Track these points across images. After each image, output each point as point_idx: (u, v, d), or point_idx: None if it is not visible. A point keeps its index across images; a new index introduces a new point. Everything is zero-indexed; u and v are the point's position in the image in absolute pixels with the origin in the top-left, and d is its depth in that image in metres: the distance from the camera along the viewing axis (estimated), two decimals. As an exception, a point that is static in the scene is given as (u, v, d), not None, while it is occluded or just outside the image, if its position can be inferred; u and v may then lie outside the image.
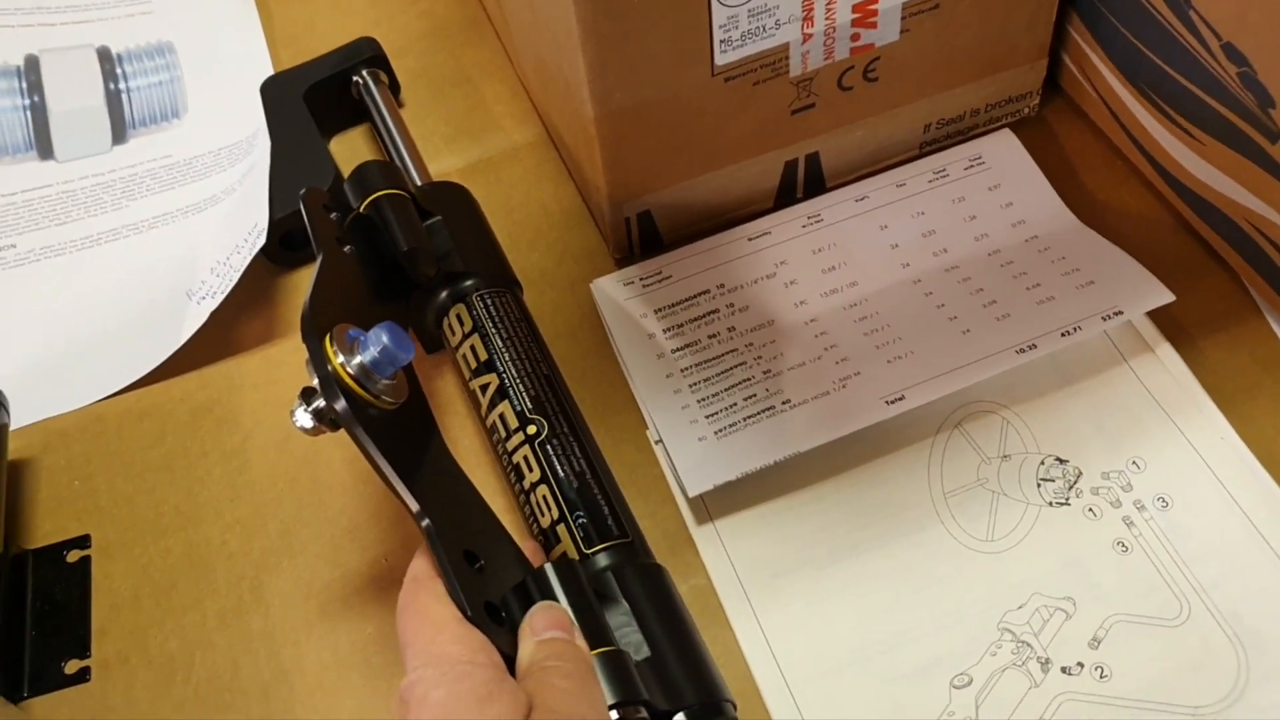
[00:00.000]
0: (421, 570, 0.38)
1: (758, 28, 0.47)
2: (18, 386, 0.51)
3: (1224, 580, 0.43)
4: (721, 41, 0.46)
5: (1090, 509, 0.46)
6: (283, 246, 0.55)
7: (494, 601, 0.38)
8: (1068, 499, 0.46)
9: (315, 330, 0.40)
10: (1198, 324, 0.50)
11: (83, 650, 0.46)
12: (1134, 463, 0.47)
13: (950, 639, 0.43)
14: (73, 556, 0.48)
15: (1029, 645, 0.43)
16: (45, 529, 0.49)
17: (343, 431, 0.41)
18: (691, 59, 0.47)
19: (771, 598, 0.45)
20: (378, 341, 0.39)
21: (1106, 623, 0.43)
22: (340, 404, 0.39)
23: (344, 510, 0.49)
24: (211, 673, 0.45)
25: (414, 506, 0.37)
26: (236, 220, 0.55)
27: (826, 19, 0.48)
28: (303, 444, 0.51)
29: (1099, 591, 0.44)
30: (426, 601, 0.36)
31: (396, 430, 0.40)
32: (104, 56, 0.64)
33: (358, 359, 0.40)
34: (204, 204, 0.59)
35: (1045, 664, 0.42)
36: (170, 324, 0.53)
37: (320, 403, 0.40)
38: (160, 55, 0.64)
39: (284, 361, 0.53)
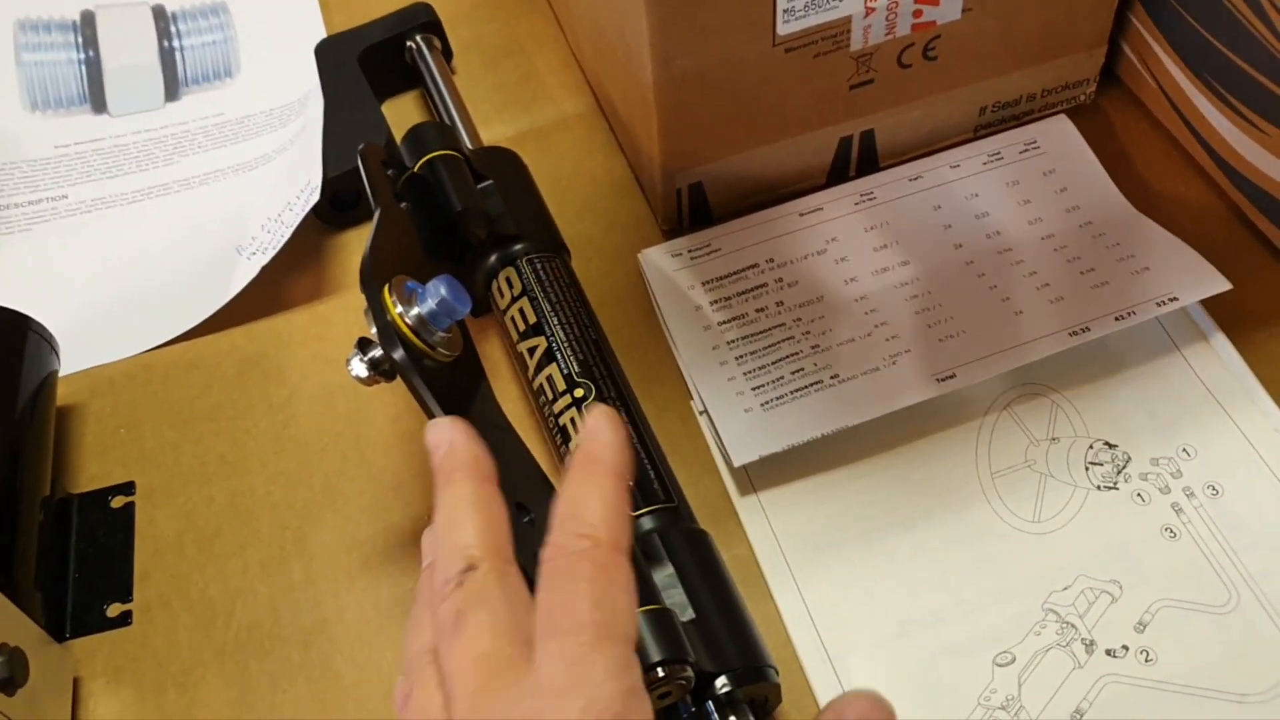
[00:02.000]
0: None
1: (821, -1, 0.47)
2: (68, 333, 0.51)
3: (1274, 570, 0.43)
4: (785, 11, 0.46)
5: (1138, 494, 0.45)
6: (333, 207, 0.55)
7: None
8: (1116, 483, 0.46)
9: (375, 280, 0.40)
10: (1253, 314, 0.49)
11: (125, 594, 0.46)
12: (1184, 450, 0.46)
13: (994, 617, 0.43)
14: (117, 502, 0.48)
15: (1073, 626, 0.43)
16: (91, 473, 0.49)
17: (389, 389, 0.41)
18: (754, 27, 0.47)
19: (814, 570, 0.45)
20: (436, 293, 0.39)
21: (1153, 607, 0.43)
22: (398, 353, 0.39)
23: (387, 467, 0.49)
24: (252, 620, 0.45)
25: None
26: (289, 178, 0.55)
27: (890, -7, 0.48)
28: (348, 401, 0.51)
29: (1146, 576, 0.43)
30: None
31: (450, 382, 0.40)
32: (159, 14, 0.64)
33: (416, 310, 0.40)
34: (255, 162, 0.59)
35: (1090, 645, 0.42)
36: (220, 278, 0.53)
37: (376, 352, 0.40)
38: (214, 15, 0.64)
39: (331, 319, 0.54)
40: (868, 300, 0.50)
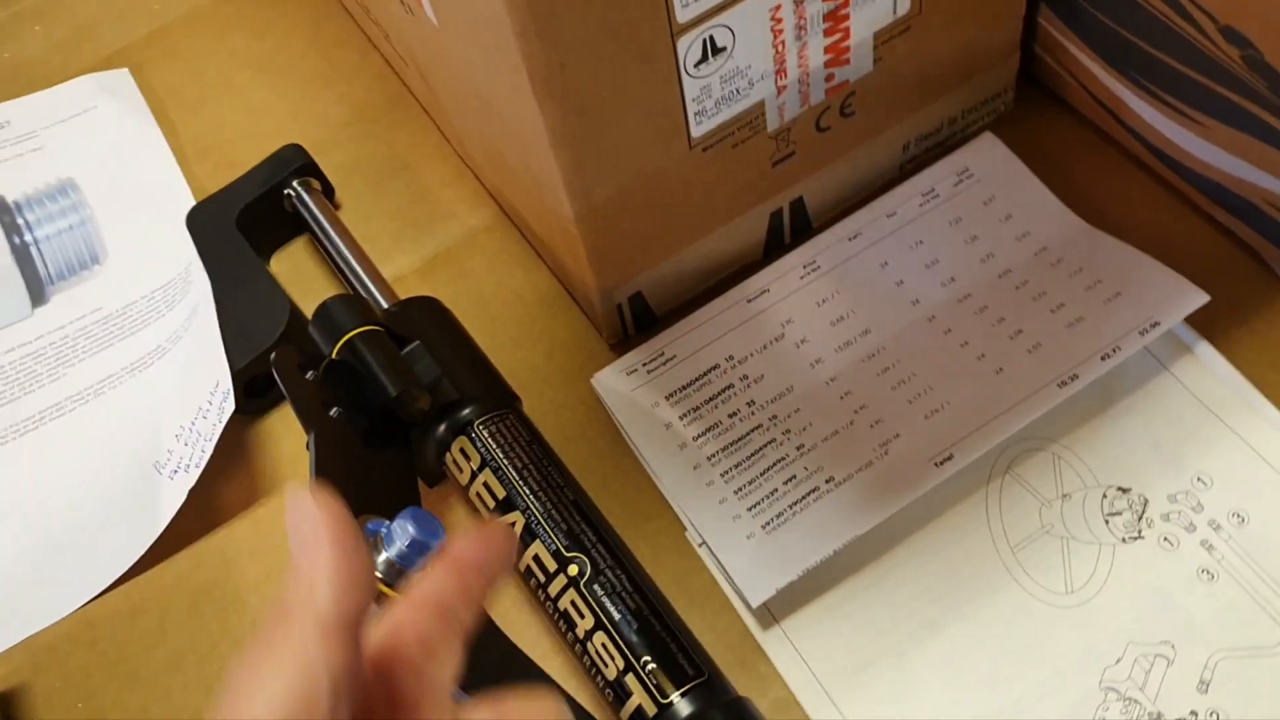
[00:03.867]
0: None
1: (731, 92, 0.43)
2: (-8, 605, 0.46)
3: (1320, 594, 0.42)
4: (696, 114, 0.43)
5: (1165, 538, 0.44)
6: (247, 395, 0.50)
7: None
8: (1140, 531, 0.44)
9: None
10: (1227, 313, 0.47)
11: None
12: (1199, 479, 0.44)
13: (1054, 709, 0.41)
14: (95, 792, 0.44)
15: (1136, 701, 0.41)
16: (57, 765, 0.45)
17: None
18: (667, 137, 0.43)
19: (858, 697, 0.42)
20: (404, 534, 0.36)
21: (1210, 661, 0.41)
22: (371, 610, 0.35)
23: (380, 681, 0.45)
24: None
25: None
26: (192, 377, 0.50)
27: (799, 66, 0.44)
28: (318, 613, 0.47)
29: (1194, 628, 0.42)
30: None
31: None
32: (1, 207, 0.58)
33: (383, 555, 0.36)
34: (150, 357, 0.54)
35: (1158, 719, 0.40)
36: (145, 504, 0.48)
37: (352, 607, 0.36)
38: (64, 195, 0.58)
39: (276, 523, 0.49)
40: (839, 382, 0.47)
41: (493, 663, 0.38)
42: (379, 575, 0.35)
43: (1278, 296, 0.48)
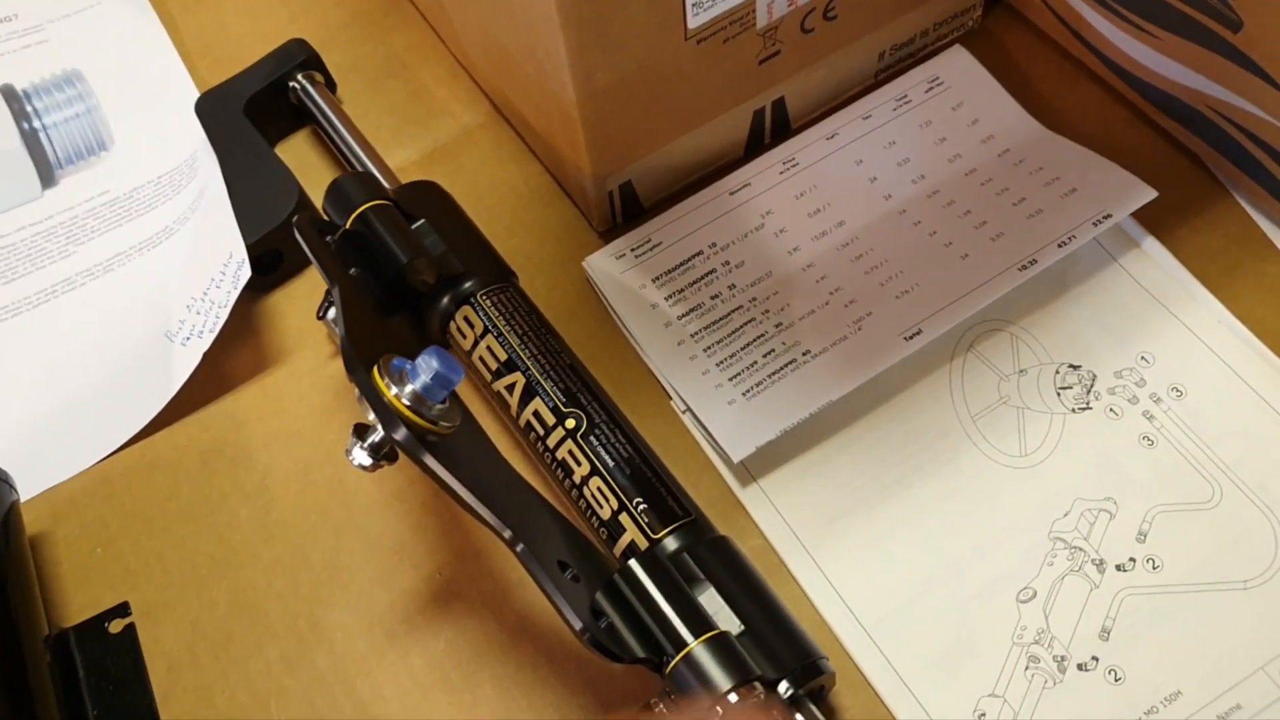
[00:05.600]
0: None
1: (726, -15, 0.46)
2: (10, 462, 0.49)
3: (1247, 457, 0.46)
4: (694, 5, 0.46)
5: (1111, 409, 0.48)
6: (256, 272, 0.53)
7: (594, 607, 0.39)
8: (1088, 403, 0.48)
9: (361, 364, 0.39)
10: (1172, 212, 0.52)
11: (151, 719, 0.45)
12: (1142, 358, 0.49)
13: (1008, 555, 0.45)
14: (115, 626, 0.47)
15: (1081, 550, 0.45)
16: (78, 603, 0.47)
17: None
18: (665, 27, 0.46)
19: (830, 545, 0.46)
20: (428, 367, 0.39)
21: (1148, 515, 0.45)
22: (401, 433, 0.38)
23: (385, 531, 0.48)
24: (290, 718, 0.45)
25: (506, 534, 0.37)
26: (203, 251, 0.53)
27: (788, -34, 0.47)
28: (324, 472, 0.50)
29: (1135, 487, 0.46)
30: None
31: (457, 453, 0.40)
32: (9, 95, 0.60)
33: (410, 387, 0.39)
34: (158, 237, 0.56)
35: (1100, 565, 0.45)
36: (158, 370, 0.51)
37: (376, 436, 0.39)
38: (71, 85, 0.61)
39: (282, 390, 0.52)
40: (815, 268, 0.51)
41: (534, 514, 0.41)
42: (405, 404, 0.38)
43: (1218, 197, 0.52)
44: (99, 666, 0.46)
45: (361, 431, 0.40)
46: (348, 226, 0.48)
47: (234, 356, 0.53)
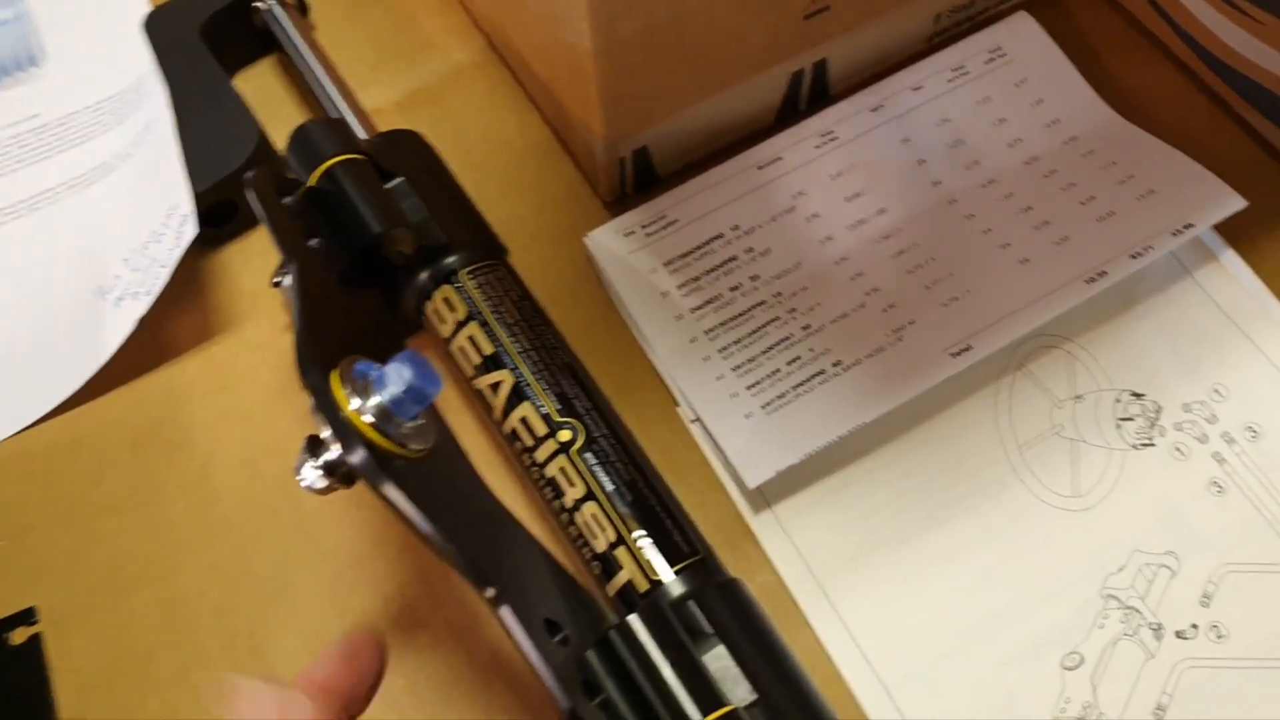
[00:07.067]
0: None
1: (776, -73, 0.39)
2: (-91, 430, 0.42)
3: (1331, 515, 0.41)
4: (737, -52, 0.39)
5: (1177, 448, 0.42)
6: (206, 224, 0.46)
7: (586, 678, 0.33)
8: (1151, 439, 0.42)
9: (317, 368, 0.33)
10: (1256, 223, 0.45)
11: (56, 752, 0.39)
12: (1216, 390, 0.43)
13: (1053, 612, 0.39)
14: (18, 637, 0.40)
15: (1137, 611, 0.39)
16: (-22, 605, 0.41)
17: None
18: (702, -29, 0.39)
19: (850, 587, 0.40)
20: (399, 378, 0.32)
21: (1214, 575, 0.40)
22: (357, 456, 0.32)
23: (340, 541, 0.42)
24: (220, 757, 0.39)
25: (488, 592, 0.31)
26: (144, 197, 0.46)
27: (849, -91, 0.40)
28: (275, 464, 0.43)
29: (1201, 541, 0.40)
30: None
31: (428, 479, 0.33)
32: (-73, -8, 0.52)
33: (374, 400, 0.32)
34: (93, 175, 0.49)
35: (1158, 630, 0.39)
36: (86, 332, 0.44)
37: (332, 454, 0.33)
38: (-1, -14, 0.53)
39: (231, 363, 0.45)
40: (851, 262, 0.45)
41: (519, 558, 0.35)
42: (370, 421, 0.32)
43: (1307, 209, 0.46)
44: (-2, 683, 0.40)
45: (314, 447, 0.33)
46: (312, 183, 0.41)
47: (175, 320, 0.46)
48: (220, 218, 0.46)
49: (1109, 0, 0.51)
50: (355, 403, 0.32)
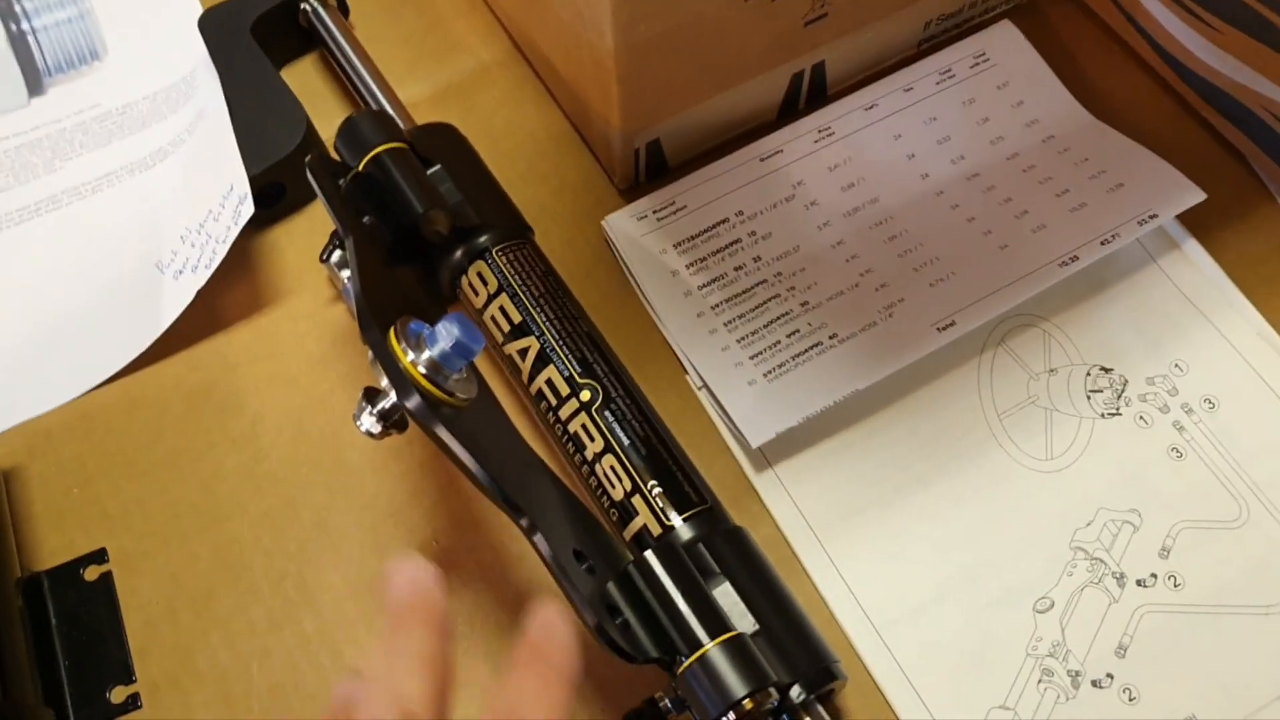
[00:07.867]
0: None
1: (781, -59, 0.43)
2: (-14, 389, 0.46)
3: (1278, 477, 0.45)
4: (747, -41, 0.43)
5: (1141, 417, 0.46)
6: (257, 205, 0.50)
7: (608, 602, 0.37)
8: (1118, 409, 0.46)
9: (378, 326, 0.37)
10: (1216, 215, 0.50)
11: (126, 676, 0.42)
12: (1176, 365, 0.47)
13: (1027, 564, 0.44)
14: (91, 574, 0.44)
15: (1103, 561, 0.44)
16: (51, 545, 0.45)
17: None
18: (715, -20, 0.43)
19: (845, 540, 0.44)
20: (448, 334, 0.36)
21: (1173, 531, 0.44)
22: (413, 401, 0.36)
23: (380, 492, 0.46)
24: (272, 682, 0.43)
25: (523, 521, 0.35)
26: (201, 179, 0.50)
27: (847, -75, 0.45)
28: (318, 423, 0.47)
29: (1161, 500, 0.44)
30: None
31: (471, 426, 0.37)
32: (-4, -8, 0.56)
33: (426, 354, 0.37)
34: (151, 159, 0.53)
35: (1120, 579, 0.43)
36: (147, 303, 0.48)
37: (387, 403, 0.37)
38: (63, -14, 0.57)
39: (278, 332, 0.49)
40: (846, 245, 0.49)
41: (551, 498, 0.39)
42: (423, 372, 0.36)
43: (1262, 202, 0.50)
44: (73, 615, 0.44)
45: (372, 396, 0.37)
46: (360, 169, 0.45)
47: (227, 293, 0.50)
48: (269, 200, 0.50)
49: (1086, 11, 0.55)
50: (410, 356, 0.36)
